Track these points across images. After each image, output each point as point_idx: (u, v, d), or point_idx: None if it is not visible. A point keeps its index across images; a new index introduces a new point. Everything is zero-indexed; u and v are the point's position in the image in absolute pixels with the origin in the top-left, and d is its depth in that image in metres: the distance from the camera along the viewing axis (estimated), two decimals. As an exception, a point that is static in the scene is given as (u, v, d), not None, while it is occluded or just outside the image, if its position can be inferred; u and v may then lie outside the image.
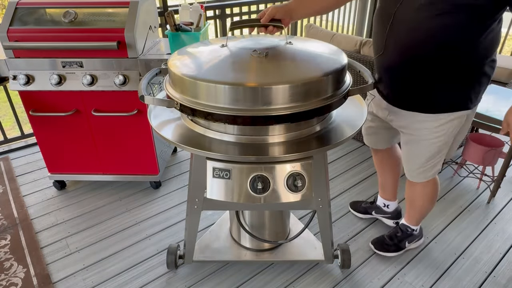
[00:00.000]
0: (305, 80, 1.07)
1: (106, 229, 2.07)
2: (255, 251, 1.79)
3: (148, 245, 1.96)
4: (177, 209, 2.22)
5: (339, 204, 2.25)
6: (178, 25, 1.74)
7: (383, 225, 2.06)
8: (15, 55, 1.88)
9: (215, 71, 1.12)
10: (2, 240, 1.98)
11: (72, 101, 2.01)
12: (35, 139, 2.20)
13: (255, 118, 1.06)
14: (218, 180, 1.24)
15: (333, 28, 4.87)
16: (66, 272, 1.80)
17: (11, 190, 2.39)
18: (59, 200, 2.30)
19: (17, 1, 1.91)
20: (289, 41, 1.30)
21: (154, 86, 2.11)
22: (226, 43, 1.27)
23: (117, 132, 2.11)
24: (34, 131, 2.11)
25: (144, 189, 2.39)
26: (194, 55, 1.27)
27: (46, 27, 1.86)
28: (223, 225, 1.96)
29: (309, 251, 1.78)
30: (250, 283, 1.73)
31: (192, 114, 1.11)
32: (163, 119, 1.34)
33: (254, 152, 1.14)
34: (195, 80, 1.08)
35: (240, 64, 1.16)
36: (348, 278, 1.75)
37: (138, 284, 1.73)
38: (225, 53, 1.21)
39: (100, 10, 1.90)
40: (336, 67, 1.15)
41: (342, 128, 1.27)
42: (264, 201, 1.25)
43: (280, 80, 1.06)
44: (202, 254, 1.76)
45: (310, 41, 1.39)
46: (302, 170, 1.23)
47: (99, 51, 1.86)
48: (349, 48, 2.63)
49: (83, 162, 2.23)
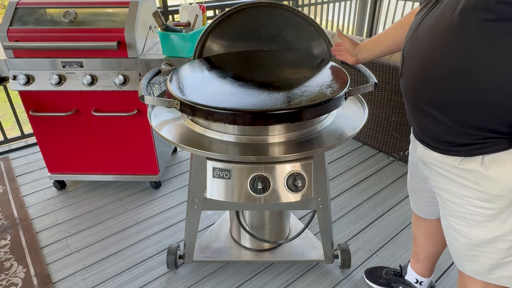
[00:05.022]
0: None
1: (106, 229, 2.07)
2: (255, 251, 1.79)
3: (148, 245, 1.96)
4: (177, 209, 2.22)
5: (339, 204, 2.25)
6: (166, 25, 1.73)
7: (383, 225, 2.06)
8: (15, 55, 1.88)
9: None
10: (2, 240, 1.98)
11: (72, 101, 2.01)
12: (35, 139, 2.20)
13: (255, 118, 1.06)
14: (218, 180, 1.24)
15: (333, 28, 4.87)
16: (66, 272, 1.80)
17: (11, 190, 2.39)
18: (59, 200, 2.30)
19: (17, 1, 1.91)
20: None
21: (154, 86, 2.11)
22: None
23: (117, 132, 2.11)
24: (34, 131, 2.11)
25: (144, 189, 2.39)
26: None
27: (46, 27, 1.86)
28: (223, 225, 1.96)
29: (309, 251, 1.78)
30: (250, 283, 1.73)
31: (192, 113, 1.11)
32: (163, 119, 1.34)
33: (254, 152, 1.14)
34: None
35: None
36: (348, 278, 1.75)
37: (138, 284, 1.73)
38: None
39: (100, 10, 1.90)
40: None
41: (342, 128, 1.27)
42: (264, 201, 1.25)
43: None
44: (202, 254, 1.76)
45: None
46: (302, 170, 1.23)
47: (99, 51, 1.86)
48: (349, 48, 2.63)
49: (83, 162, 2.23)
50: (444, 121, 0.94)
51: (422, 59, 0.94)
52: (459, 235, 1.05)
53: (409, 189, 1.39)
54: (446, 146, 0.98)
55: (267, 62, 1.44)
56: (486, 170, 0.92)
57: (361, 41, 2.24)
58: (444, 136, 0.97)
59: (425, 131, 1.03)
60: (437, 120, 0.95)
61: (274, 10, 1.49)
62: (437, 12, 0.91)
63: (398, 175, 2.50)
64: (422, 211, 1.39)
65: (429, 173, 1.10)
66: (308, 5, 4.21)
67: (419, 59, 0.95)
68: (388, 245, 1.94)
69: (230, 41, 1.56)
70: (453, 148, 0.96)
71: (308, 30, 1.51)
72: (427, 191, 1.25)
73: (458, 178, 0.98)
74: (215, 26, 1.51)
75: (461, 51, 0.84)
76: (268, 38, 1.55)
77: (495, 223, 0.96)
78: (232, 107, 1.04)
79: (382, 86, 2.46)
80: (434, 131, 0.99)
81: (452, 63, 0.87)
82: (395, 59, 2.34)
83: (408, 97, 1.03)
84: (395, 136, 2.56)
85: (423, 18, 0.96)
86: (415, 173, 1.27)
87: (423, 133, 1.05)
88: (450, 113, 0.92)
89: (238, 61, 1.47)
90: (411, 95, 1.02)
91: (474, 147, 0.92)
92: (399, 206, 2.22)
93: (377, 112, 2.62)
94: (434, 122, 0.96)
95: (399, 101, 2.42)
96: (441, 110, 0.93)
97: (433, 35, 0.90)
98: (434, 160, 1.04)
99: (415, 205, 1.41)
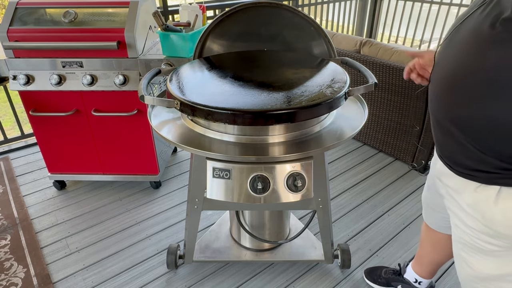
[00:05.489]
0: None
1: (106, 229, 2.07)
2: (255, 251, 1.79)
3: (148, 245, 1.96)
4: (177, 209, 2.22)
5: (339, 204, 2.25)
6: (166, 25, 1.73)
7: (384, 225, 2.07)
8: (15, 55, 1.88)
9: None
10: (2, 240, 1.98)
11: (72, 101, 2.01)
12: (35, 139, 2.20)
13: (255, 118, 1.06)
14: (218, 180, 1.24)
15: (333, 28, 4.87)
16: (66, 272, 1.80)
17: (11, 190, 2.39)
18: (59, 200, 2.30)
19: (17, 1, 1.91)
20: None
21: (154, 86, 2.11)
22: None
23: (117, 132, 2.11)
24: (34, 131, 2.11)
25: (144, 189, 2.39)
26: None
27: (46, 27, 1.86)
28: (223, 225, 1.96)
29: (309, 251, 1.78)
30: (250, 283, 1.73)
31: (192, 113, 1.11)
32: (163, 119, 1.34)
33: (254, 152, 1.14)
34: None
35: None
36: (348, 278, 1.75)
37: (138, 284, 1.73)
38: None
39: (100, 10, 1.90)
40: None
41: (342, 128, 1.26)
42: (264, 201, 1.25)
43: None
44: (202, 254, 1.76)
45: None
46: (302, 170, 1.23)
47: (99, 51, 1.86)
48: (349, 48, 2.63)
49: (83, 162, 2.23)
50: (463, 142, 0.84)
51: (451, 68, 0.83)
52: (465, 264, 0.99)
53: (423, 200, 1.33)
54: (463, 169, 0.89)
55: (267, 62, 1.44)
56: (496, 205, 0.83)
57: (361, 41, 2.21)
58: (461, 158, 0.88)
59: (442, 149, 0.96)
60: (456, 140, 0.86)
61: (274, 10, 1.49)
62: (478, 16, 0.78)
63: (398, 175, 2.51)
64: (434, 225, 1.33)
65: (444, 192, 1.04)
66: (308, 5, 4.21)
67: (449, 67, 0.84)
68: (388, 245, 1.94)
69: (230, 41, 1.56)
70: (471, 172, 0.87)
71: (308, 30, 1.51)
72: (442, 207, 1.15)
73: (467, 207, 0.91)
74: (215, 26, 1.51)
75: (496, 66, 0.72)
76: (268, 38, 1.55)
77: (500, 260, 0.89)
78: (232, 107, 1.04)
79: (382, 86, 2.46)
80: (451, 150, 0.91)
81: (483, 78, 0.75)
82: (395, 59, 2.34)
83: (431, 108, 0.94)
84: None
85: (464, 19, 0.84)
86: (432, 187, 1.18)
87: (440, 150, 0.98)
88: (471, 133, 0.82)
89: (238, 61, 1.47)
90: (434, 106, 0.92)
91: (494, 176, 0.82)
92: (399, 206, 2.22)
93: (377, 112, 2.62)
94: (453, 141, 0.88)
95: (399, 101, 2.42)
96: (462, 129, 0.83)
97: (467, 43, 0.79)
98: (449, 180, 0.97)
99: (428, 217, 1.35)
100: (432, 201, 1.24)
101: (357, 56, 2.52)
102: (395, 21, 4.55)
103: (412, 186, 2.40)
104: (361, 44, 2.55)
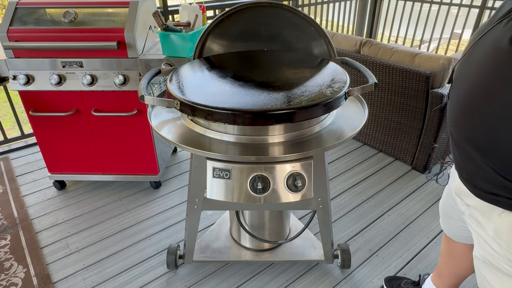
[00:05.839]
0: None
1: (106, 229, 2.07)
2: (255, 251, 1.79)
3: (148, 245, 1.96)
4: (177, 209, 2.22)
5: (339, 204, 2.25)
6: (166, 25, 1.73)
7: (384, 225, 2.06)
8: (15, 55, 1.88)
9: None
10: (2, 240, 1.98)
11: (72, 101, 2.01)
12: (35, 139, 2.21)
13: (255, 118, 1.05)
14: (218, 180, 1.24)
15: (333, 28, 4.88)
16: (66, 272, 1.80)
17: (11, 190, 2.39)
18: (59, 200, 2.30)
19: (17, 1, 1.91)
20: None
21: (154, 86, 2.11)
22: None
23: (117, 132, 2.11)
24: (34, 131, 2.11)
25: (144, 189, 2.39)
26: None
27: (46, 27, 1.86)
28: (223, 225, 1.96)
29: (309, 251, 1.78)
30: (250, 283, 1.73)
31: (192, 113, 1.11)
32: (163, 119, 1.34)
33: (254, 152, 1.14)
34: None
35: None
36: (348, 278, 1.75)
37: (138, 284, 1.73)
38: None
39: (100, 10, 1.90)
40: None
41: (342, 128, 1.26)
42: (264, 201, 1.25)
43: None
44: (202, 254, 1.76)
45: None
46: (302, 170, 1.23)
47: (99, 51, 1.86)
48: (349, 48, 2.63)
49: (83, 162, 2.23)
50: (482, 165, 0.78)
51: (468, 88, 0.78)
52: (488, 285, 0.93)
53: (440, 209, 1.27)
54: (483, 192, 0.83)
55: (267, 62, 1.44)
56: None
57: (361, 41, 2.20)
58: (480, 182, 0.82)
59: (461, 170, 0.89)
60: (474, 162, 0.81)
61: (274, 10, 1.49)
62: (497, 31, 0.71)
63: (398, 175, 2.51)
64: (452, 234, 1.27)
65: (465, 210, 0.96)
66: (308, 5, 4.21)
67: (467, 86, 0.79)
68: (388, 245, 1.94)
69: (230, 41, 1.56)
70: (493, 197, 0.81)
71: (308, 30, 1.51)
72: (460, 217, 1.09)
73: (490, 230, 0.86)
74: (215, 26, 1.51)
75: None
76: (268, 38, 1.55)
77: None
78: (232, 107, 1.04)
79: (382, 86, 2.46)
80: (470, 172, 0.85)
81: (500, 99, 0.69)
82: (395, 59, 2.34)
83: (449, 125, 0.89)
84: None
85: (484, 33, 0.76)
86: (451, 198, 1.12)
87: (459, 170, 0.91)
88: (491, 157, 0.75)
89: (238, 61, 1.47)
90: (451, 124, 0.88)
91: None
92: (399, 206, 2.22)
93: (377, 112, 2.62)
94: (471, 163, 0.82)
95: (399, 101, 2.42)
96: (482, 152, 0.78)
97: (484, 60, 0.73)
98: (471, 201, 0.90)
99: (445, 226, 1.28)
100: (451, 211, 1.18)
101: (357, 56, 2.52)
102: (395, 21, 4.55)
103: (412, 186, 2.40)
104: (361, 44, 2.55)
